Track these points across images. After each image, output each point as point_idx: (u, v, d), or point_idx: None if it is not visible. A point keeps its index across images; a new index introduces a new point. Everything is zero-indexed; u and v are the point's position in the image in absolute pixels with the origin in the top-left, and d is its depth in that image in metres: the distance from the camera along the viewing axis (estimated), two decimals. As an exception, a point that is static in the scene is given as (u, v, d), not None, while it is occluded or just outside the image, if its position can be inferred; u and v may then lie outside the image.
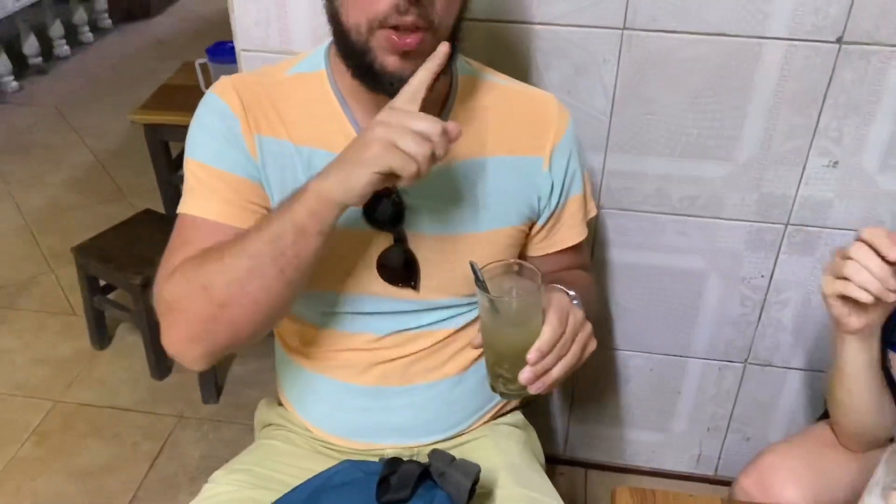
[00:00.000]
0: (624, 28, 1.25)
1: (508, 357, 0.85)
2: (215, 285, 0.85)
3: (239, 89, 0.95)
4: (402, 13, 0.81)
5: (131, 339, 2.28)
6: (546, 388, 0.84)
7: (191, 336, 0.88)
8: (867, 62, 1.23)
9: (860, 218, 1.37)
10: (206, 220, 0.92)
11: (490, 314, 0.84)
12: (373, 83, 0.88)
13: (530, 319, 0.83)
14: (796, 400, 1.63)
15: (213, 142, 0.94)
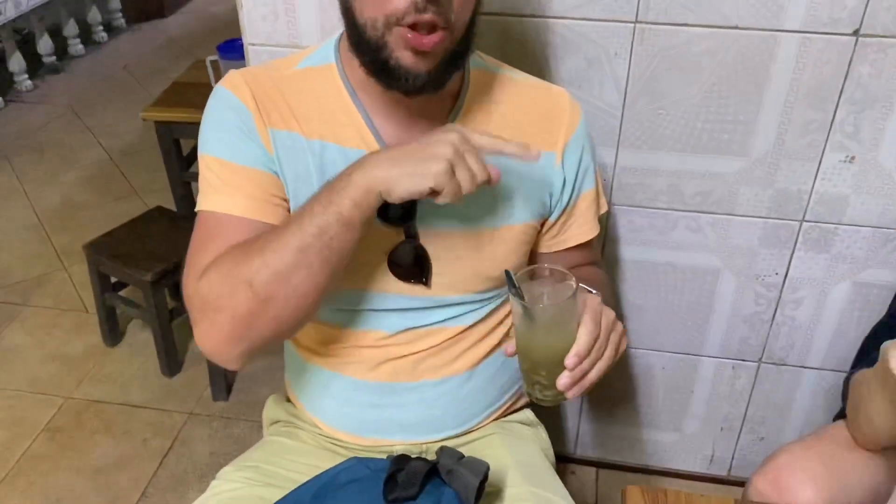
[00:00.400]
0: (636, 21, 1.23)
1: (545, 364, 0.84)
2: (259, 280, 0.84)
3: (249, 83, 0.94)
4: (419, 11, 0.80)
5: (143, 335, 2.29)
6: (583, 391, 0.84)
7: (232, 334, 0.87)
8: (885, 55, 1.21)
9: (877, 214, 1.35)
10: (231, 216, 0.91)
11: (525, 322, 0.83)
12: (387, 79, 0.87)
13: (567, 324, 0.83)
14: (811, 399, 1.61)
15: (229, 136, 0.93)
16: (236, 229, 0.90)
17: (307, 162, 0.94)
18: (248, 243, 0.87)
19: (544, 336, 0.83)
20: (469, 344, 1.06)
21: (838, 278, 1.43)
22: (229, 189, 0.92)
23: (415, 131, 0.95)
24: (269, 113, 0.94)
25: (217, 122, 0.94)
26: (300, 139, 0.94)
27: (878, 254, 1.39)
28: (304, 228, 0.83)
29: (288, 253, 0.83)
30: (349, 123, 0.95)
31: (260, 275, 0.83)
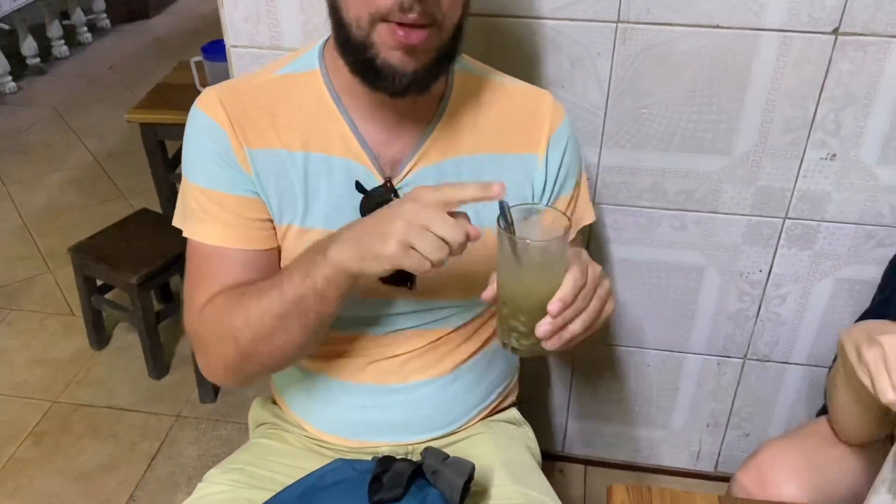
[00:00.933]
0: (618, 21, 1.24)
1: (526, 309, 0.79)
2: (243, 338, 0.90)
3: (225, 102, 0.93)
4: (405, 10, 0.79)
5: (129, 338, 2.28)
6: (561, 344, 0.78)
7: (226, 371, 0.96)
8: (864, 53, 1.22)
9: (859, 211, 1.36)
10: (213, 246, 0.94)
11: (511, 260, 0.78)
12: (374, 79, 0.86)
13: (554, 267, 0.78)
14: (796, 395, 1.62)
15: (206, 162, 0.93)
16: (222, 261, 0.94)
17: (290, 176, 0.94)
18: (238, 294, 0.91)
19: (529, 277, 0.78)
20: (455, 345, 1.06)
21: (821, 275, 1.45)
22: (208, 217, 0.94)
23: (400, 137, 0.95)
24: (246, 131, 0.93)
25: (194, 148, 0.94)
26: (281, 153, 0.94)
27: (860, 250, 1.40)
28: (284, 295, 0.86)
29: (268, 317, 0.87)
30: (334, 131, 0.95)
31: (243, 334, 0.89)
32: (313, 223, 0.95)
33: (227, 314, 0.90)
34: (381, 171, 0.95)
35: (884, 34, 1.20)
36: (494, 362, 1.13)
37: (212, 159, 0.93)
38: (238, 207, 0.93)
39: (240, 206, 0.94)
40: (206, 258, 0.95)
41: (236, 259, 0.94)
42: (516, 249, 0.77)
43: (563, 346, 0.79)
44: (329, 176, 0.95)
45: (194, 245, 0.96)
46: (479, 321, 1.08)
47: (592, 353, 1.63)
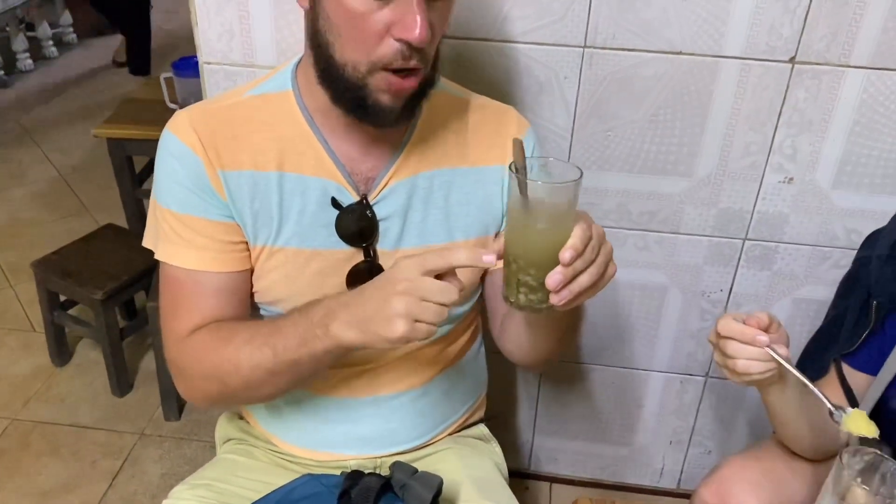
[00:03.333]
0: (585, 46, 1.27)
1: (537, 261, 0.78)
2: (230, 383, 0.93)
3: (197, 125, 0.93)
4: (405, 59, 0.83)
5: (92, 355, 2.25)
6: (569, 299, 0.78)
7: (204, 401, 1.00)
8: (819, 81, 1.27)
9: (815, 233, 1.41)
10: (187, 270, 0.95)
11: (523, 211, 0.77)
12: (362, 115, 0.89)
13: (566, 216, 0.77)
14: (756, 413, 1.66)
15: (179, 188, 0.93)
16: (199, 286, 0.96)
17: (265, 197, 0.95)
18: (224, 337, 0.93)
19: (542, 227, 0.78)
20: (426, 359, 1.08)
21: (780, 295, 1.49)
22: (182, 241, 0.94)
23: (373, 155, 0.97)
24: (220, 155, 0.93)
25: (166, 173, 0.94)
26: (256, 175, 0.94)
27: (816, 271, 1.45)
28: (277, 356, 0.88)
29: (259, 371, 0.90)
30: (308, 151, 0.96)
31: (231, 379, 0.92)
32: (286, 242, 0.96)
33: (213, 355, 0.93)
34: (356, 188, 0.97)
35: (837, 63, 1.25)
36: (463, 377, 1.14)
37: (185, 185, 0.93)
38: (213, 232, 0.94)
39: (214, 231, 0.94)
40: (180, 284, 0.96)
41: (211, 283, 0.95)
42: (532, 195, 0.76)
43: (570, 303, 0.78)
44: (303, 195, 0.96)
45: (168, 270, 0.96)
46: (451, 336, 1.10)
47: (559, 370, 1.65)
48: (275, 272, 0.97)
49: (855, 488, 0.82)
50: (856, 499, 0.82)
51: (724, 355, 0.93)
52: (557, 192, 0.77)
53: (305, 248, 0.97)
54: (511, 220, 0.81)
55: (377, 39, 0.82)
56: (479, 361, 1.21)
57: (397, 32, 0.81)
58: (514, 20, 1.26)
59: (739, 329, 0.91)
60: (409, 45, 0.81)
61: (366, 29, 0.81)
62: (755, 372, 0.91)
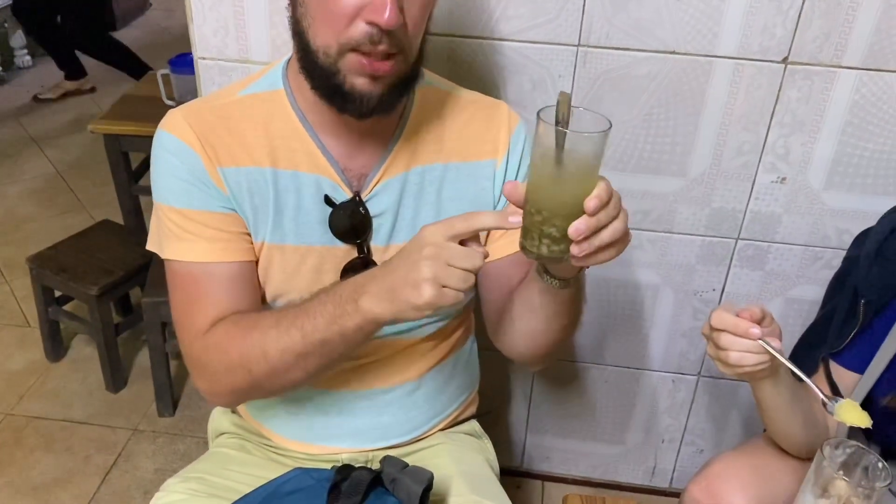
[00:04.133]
0: (579, 45, 1.28)
1: (562, 210, 0.78)
2: (257, 371, 0.91)
3: (191, 122, 0.94)
4: (374, 43, 0.82)
5: (87, 350, 2.25)
6: (591, 253, 0.77)
7: (228, 395, 0.98)
8: (811, 82, 1.27)
9: (807, 233, 1.41)
10: (199, 263, 0.94)
11: (554, 160, 0.76)
12: (341, 102, 0.88)
13: (594, 169, 0.77)
14: (748, 412, 1.66)
15: (179, 183, 0.93)
16: (209, 279, 0.94)
17: (262, 193, 0.95)
18: (248, 326, 0.92)
19: (570, 178, 0.77)
20: (421, 353, 1.08)
21: (772, 294, 1.49)
22: (190, 236, 0.93)
23: (365, 150, 0.97)
24: (217, 151, 0.94)
25: (166, 171, 0.94)
26: (252, 171, 0.95)
27: (808, 271, 1.45)
28: (306, 337, 0.87)
29: (288, 355, 0.89)
30: (301, 148, 0.96)
31: (258, 366, 0.90)
32: (282, 238, 0.97)
33: (239, 343, 0.91)
34: (349, 184, 0.97)
35: (829, 64, 1.25)
36: (457, 372, 1.15)
37: (186, 180, 0.93)
38: (218, 223, 0.94)
39: (220, 222, 0.94)
40: (192, 279, 0.95)
41: (224, 274, 0.94)
42: (563, 145, 0.75)
43: (589, 258, 0.78)
44: (297, 192, 0.96)
45: (177, 267, 0.95)
46: (447, 330, 1.10)
47: (552, 368, 1.66)
48: (273, 268, 0.98)
49: (837, 481, 0.83)
50: (838, 491, 0.83)
51: (718, 347, 0.94)
52: (590, 143, 0.76)
53: (301, 245, 0.97)
54: (537, 172, 0.79)
55: (347, 21, 0.82)
56: (471, 357, 1.21)
57: (367, 14, 0.81)
58: (509, 19, 1.27)
59: (733, 321, 0.92)
60: (379, 28, 0.81)
61: (336, 11, 0.82)
62: (748, 364, 0.92)
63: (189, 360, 0.97)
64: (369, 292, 0.82)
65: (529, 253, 0.83)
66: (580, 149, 0.76)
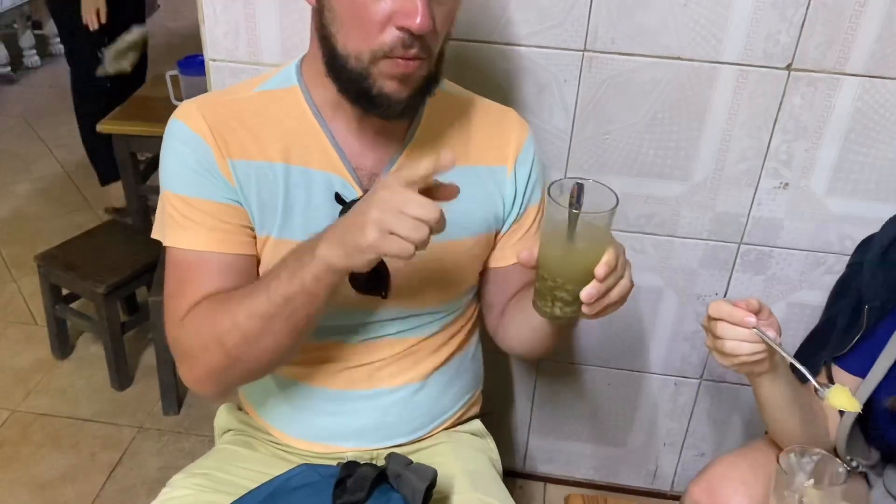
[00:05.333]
0: (584, 50, 1.29)
1: (574, 277, 0.85)
2: (229, 342, 0.90)
3: (205, 113, 0.95)
4: (406, 47, 0.84)
5: (93, 348, 2.27)
6: (601, 310, 0.86)
7: (209, 379, 0.96)
8: (815, 88, 1.29)
9: (809, 239, 1.42)
10: (197, 251, 0.94)
11: (567, 234, 0.84)
12: (368, 105, 0.90)
13: (603, 239, 0.84)
14: (750, 416, 1.67)
15: (188, 172, 0.94)
16: (204, 267, 0.94)
17: (272, 188, 0.96)
18: (222, 299, 0.91)
19: (580, 249, 0.84)
20: (426, 353, 1.10)
21: (774, 299, 1.50)
22: (191, 224, 0.94)
23: (377, 149, 0.99)
24: (228, 143, 0.95)
25: (174, 158, 0.95)
26: (262, 165, 0.96)
27: (810, 276, 1.46)
28: (270, 296, 0.87)
29: (255, 319, 0.88)
30: (314, 145, 0.97)
31: (230, 336, 0.89)
32: (291, 234, 0.98)
33: (211, 319, 0.91)
34: (360, 183, 0.98)
35: (833, 71, 1.27)
36: (461, 373, 1.16)
37: (194, 168, 0.94)
38: (222, 214, 0.95)
39: (224, 213, 0.95)
40: (186, 265, 0.95)
41: (218, 263, 0.95)
42: (577, 224, 0.83)
43: (600, 314, 0.87)
44: (308, 188, 0.97)
45: (174, 254, 0.96)
46: (450, 330, 1.11)
47: (554, 369, 1.67)
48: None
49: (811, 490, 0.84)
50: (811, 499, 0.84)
51: (715, 337, 0.95)
52: (600, 219, 0.84)
53: None
54: (549, 243, 0.87)
55: (379, 28, 0.84)
56: (476, 357, 1.22)
57: (398, 20, 0.83)
58: (516, 23, 1.28)
59: (728, 310, 0.93)
60: (411, 34, 0.83)
61: (367, 18, 0.83)
62: (744, 353, 0.93)
63: (172, 346, 0.97)
64: (325, 239, 0.84)
65: (543, 313, 0.91)
66: (591, 224, 0.84)
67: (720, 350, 0.96)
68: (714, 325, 0.96)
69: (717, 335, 0.95)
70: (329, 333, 1.04)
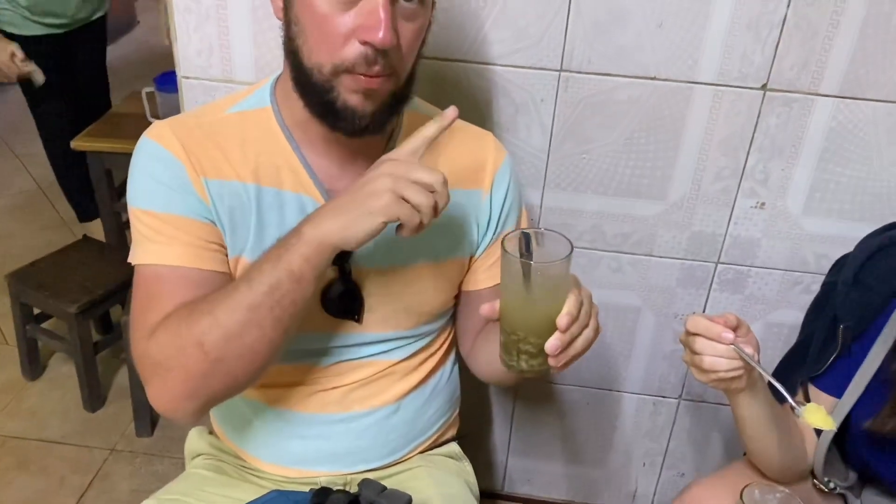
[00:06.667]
0: (561, 70, 1.29)
1: (536, 329, 0.83)
2: (210, 341, 0.84)
3: (178, 133, 0.93)
4: (369, 63, 0.83)
5: (65, 369, 2.23)
6: (567, 361, 0.84)
7: (185, 393, 0.87)
8: (790, 109, 1.29)
9: (786, 258, 1.43)
10: (169, 266, 0.91)
11: (523, 286, 0.82)
12: (333, 120, 0.89)
13: (563, 285, 0.82)
14: (730, 435, 1.67)
15: (160, 188, 0.92)
16: (177, 280, 0.90)
17: (244, 208, 0.95)
18: (196, 302, 0.87)
19: (540, 299, 0.83)
20: (399, 376, 1.08)
21: (751, 318, 1.50)
22: (163, 238, 0.91)
23: (351, 172, 0.97)
24: (202, 162, 0.93)
25: (146, 176, 0.92)
26: (235, 186, 0.94)
27: (788, 295, 1.47)
28: (253, 287, 0.83)
29: (238, 312, 0.83)
30: (285, 166, 0.96)
31: (210, 335, 0.84)
32: None
33: (187, 322, 0.85)
34: None
35: (807, 91, 1.27)
36: (436, 395, 1.15)
37: (168, 185, 0.91)
38: (196, 230, 0.92)
39: (198, 230, 0.92)
40: (157, 280, 0.91)
41: (192, 279, 0.91)
42: (530, 274, 0.81)
43: (566, 365, 0.84)
44: (280, 210, 0.96)
45: (144, 270, 0.92)
46: (425, 352, 1.10)
47: (533, 390, 1.65)
48: None
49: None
50: None
51: (692, 352, 0.95)
52: (554, 268, 0.82)
53: None
54: (509, 295, 0.85)
55: (342, 41, 0.83)
56: (452, 379, 1.21)
57: (361, 34, 0.82)
58: (492, 43, 1.28)
59: (706, 325, 0.93)
60: (374, 49, 0.82)
61: (331, 31, 0.83)
62: (721, 369, 0.93)
63: (141, 364, 0.89)
64: (313, 219, 0.83)
65: (510, 367, 0.88)
66: (546, 274, 0.83)
67: (698, 365, 0.95)
68: (692, 340, 0.95)
69: (695, 350, 0.95)
70: (301, 356, 1.02)
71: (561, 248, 0.83)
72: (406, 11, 0.84)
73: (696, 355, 0.94)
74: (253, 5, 1.26)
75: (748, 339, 0.95)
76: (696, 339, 0.94)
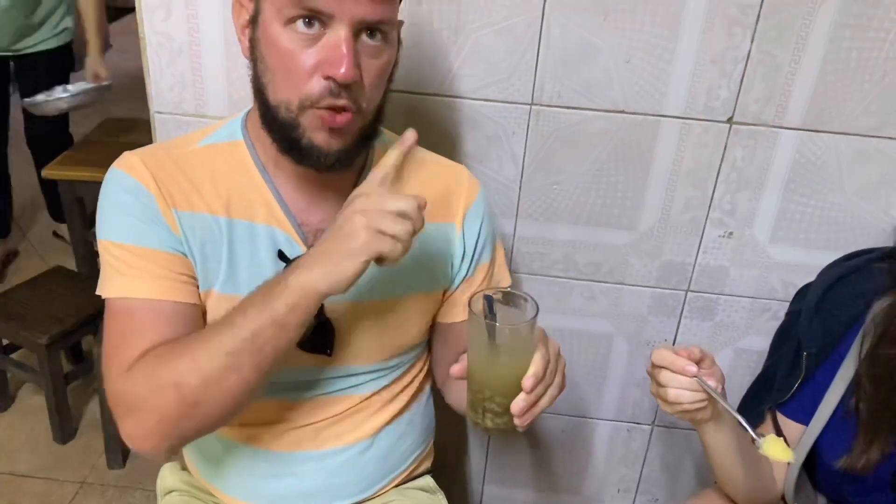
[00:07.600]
0: (532, 103, 1.31)
1: (501, 389, 0.84)
2: (188, 384, 0.83)
3: (148, 163, 0.93)
4: (334, 96, 0.84)
5: (35, 400, 2.19)
6: (532, 419, 0.85)
7: (159, 433, 0.86)
8: (755, 141, 1.32)
9: (754, 286, 1.45)
10: (141, 299, 0.90)
11: (489, 347, 0.83)
12: (299, 156, 0.89)
13: (528, 346, 0.84)
14: (701, 461, 1.68)
15: (130, 220, 0.91)
16: (149, 314, 0.89)
17: (216, 241, 0.95)
18: (174, 342, 0.86)
19: (506, 359, 0.84)
20: (372, 411, 1.08)
21: (721, 345, 1.53)
22: (134, 271, 0.90)
23: (323, 206, 0.98)
24: (172, 194, 0.93)
25: (116, 207, 0.92)
26: (206, 218, 0.94)
27: (756, 322, 1.49)
28: (235, 332, 0.83)
29: (218, 357, 0.83)
30: (258, 200, 0.96)
31: (188, 378, 0.83)
32: (235, 289, 0.96)
33: (165, 363, 0.84)
34: (305, 239, 0.98)
35: (772, 124, 1.31)
36: (412, 428, 1.15)
37: (138, 217, 0.91)
38: (168, 263, 0.91)
39: (170, 262, 0.92)
40: (129, 315, 0.90)
41: (166, 311, 0.90)
42: (496, 336, 0.83)
43: (531, 424, 0.86)
44: (252, 243, 0.96)
45: (116, 304, 0.91)
46: (399, 384, 1.10)
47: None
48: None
49: None
50: None
51: (658, 384, 0.96)
52: (520, 330, 0.84)
53: None
54: (475, 354, 0.87)
55: (307, 77, 0.84)
56: (428, 409, 1.21)
57: (324, 69, 0.83)
58: (464, 77, 1.30)
59: (670, 359, 0.95)
60: (337, 83, 0.83)
61: (295, 68, 0.84)
62: (685, 401, 0.95)
63: (115, 401, 0.88)
64: (299, 267, 0.83)
65: (476, 424, 0.90)
66: (511, 335, 0.85)
67: (663, 397, 0.97)
68: (657, 372, 0.97)
69: (660, 383, 0.97)
70: (273, 392, 1.02)
71: (528, 309, 0.85)
72: (370, 49, 0.86)
73: (661, 387, 0.96)
74: (226, 40, 1.26)
75: (712, 371, 0.97)
76: (661, 371, 0.96)
